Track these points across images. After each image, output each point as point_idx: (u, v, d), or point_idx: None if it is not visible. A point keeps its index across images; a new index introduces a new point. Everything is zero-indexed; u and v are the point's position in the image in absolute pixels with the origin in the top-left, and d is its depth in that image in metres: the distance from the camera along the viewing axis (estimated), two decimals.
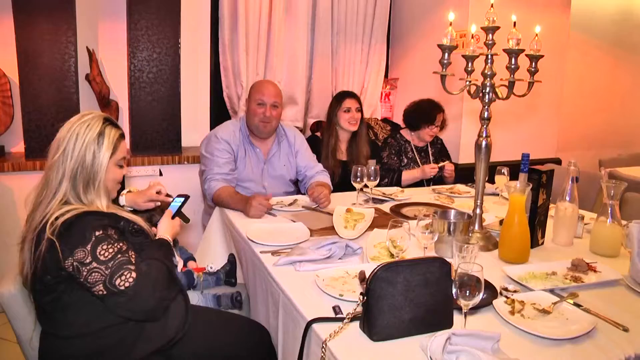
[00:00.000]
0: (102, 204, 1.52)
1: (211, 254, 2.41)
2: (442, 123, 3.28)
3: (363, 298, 1.24)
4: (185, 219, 1.89)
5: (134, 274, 1.39)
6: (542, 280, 1.61)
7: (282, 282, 1.59)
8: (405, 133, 3.36)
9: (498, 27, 1.79)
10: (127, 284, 1.37)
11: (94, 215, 1.46)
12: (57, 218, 1.40)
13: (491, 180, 2.82)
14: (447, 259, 1.37)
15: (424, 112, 3.20)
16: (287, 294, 1.52)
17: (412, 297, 1.25)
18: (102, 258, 1.38)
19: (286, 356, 1.54)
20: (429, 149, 3.36)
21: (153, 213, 1.93)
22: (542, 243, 1.99)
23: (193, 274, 1.94)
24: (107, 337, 1.46)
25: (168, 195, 1.97)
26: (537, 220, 1.92)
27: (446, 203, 2.60)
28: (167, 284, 1.49)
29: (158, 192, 1.89)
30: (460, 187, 2.97)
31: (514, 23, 1.78)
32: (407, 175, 3.21)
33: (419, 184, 3.22)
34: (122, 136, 1.60)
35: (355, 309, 1.26)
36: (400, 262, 1.26)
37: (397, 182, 3.15)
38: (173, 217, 1.78)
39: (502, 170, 2.61)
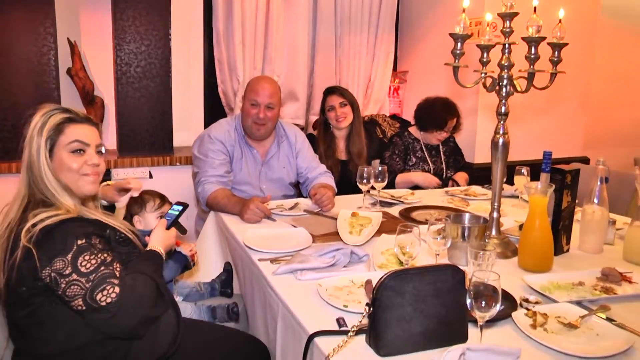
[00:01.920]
0: (68, 202, 1.47)
1: (205, 262, 2.41)
2: (454, 128, 3.29)
3: (369, 309, 1.23)
4: (182, 230, 1.87)
5: (117, 289, 1.35)
6: (568, 291, 1.60)
7: (281, 292, 1.58)
8: (414, 131, 3.37)
9: (517, 13, 1.78)
10: (109, 300, 1.33)
11: (77, 222, 1.44)
12: (34, 225, 1.37)
13: (510, 182, 2.81)
14: (461, 267, 1.37)
15: (434, 116, 3.21)
16: (286, 305, 1.52)
17: (423, 307, 1.24)
18: (83, 270, 1.35)
19: None
20: (441, 147, 3.37)
21: (132, 203, 1.93)
22: (568, 250, 1.98)
23: (182, 253, 1.93)
24: (90, 355, 1.45)
25: (163, 200, 1.99)
26: (561, 224, 1.91)
27: (460, 206, 2.59)
28: (153, 301, 1.45)
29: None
30: (475, 189, 2.96)
31: (535, 8, 1.77)
32: (402, 178, 3.21)
33: (420, 187, 3.21)
34: (71, 120, 1.52)
35: (360, 321, 1.25)
36: (409, 270, 1.26)
37: (391, 184, 3.15)
38: (169, 227, 1.74)
39: (522, 171, 2.60)
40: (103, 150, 1.60)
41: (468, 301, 1.21)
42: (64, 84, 3.20)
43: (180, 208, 1.82)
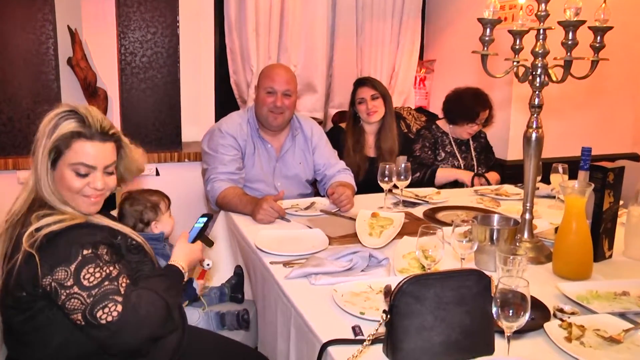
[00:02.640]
0: (70, 211, 1.48)
1: (215, 266, 2.42)
2: (485, 121, 3.28)
3: (386, 316, 1.24)
4: (209, 243, 1.86)
5: (119, 307, 1.34)
6: (609, 302, 1.57)
7: (294, 298, 1.60)
8: (443, 124, 3.36)
9: None
10: (109, 318, 1.33)
11: (85, 228, 1.45)
12: (38, 229, 1.39)
13: (546, 181, 2.79)
14: (489, 273, 1.36)
15: (465, 108, 3.20)
16: (299, 312, 1.53)
17: (444, 316, 1.24)
18: (85, 283, 1.35)
19: None
20: (471, 142, 3.35)
21: (143, 210, 1.96)
22: (610, 256, 1.96)
23: (193, 281, 1.96)
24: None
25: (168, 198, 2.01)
26: (602, 228, 1.89)
27: (490, 207, 2.58)
28: (159, 322, 1.43)
29: None
30: (508, 188, 2.94)
31: None
32: (444, 172, 3.20)
33: (458, 184, 3.20)
34: (81, 134, 1.47)
35: (376, 329, 1.26)
36: (430, 275, 1.26)
37: (430, 180, 3.15)
38: (193, 241, 1.73)
39: (559, 168, 2.58)
40: (112, 170, 1.56)
41: (494, 309, 1.21)
42: (64, 75, 3.24)
43: (205, 220, 1.81)
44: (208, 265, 1.95)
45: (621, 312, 1.50)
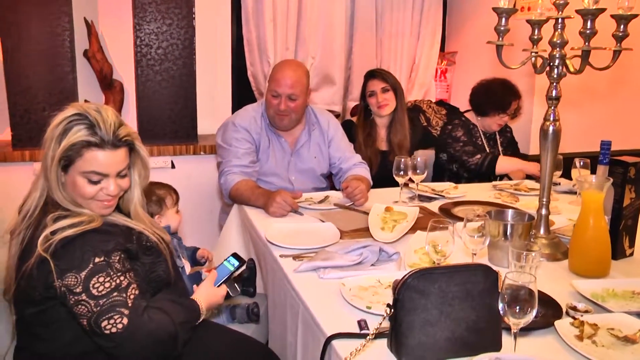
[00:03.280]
0: (86, 212, 1.49)
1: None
2: (514, 112, 3.25)
3: (390, 310, 1.24)
4: (234, 290, 1.78)
5: (125, 320, 1.36)
6: (626, 301, 1.55)
7: (302, 291, 1.61)
8: (471, 117, 3.34)
9: None
10: (114, 330, 1.35)
11: (100, 234, 1.45)
12: (54, 232, 1.40)
13: (568, 176, 2.75)
14: (503, 269, 1.35)
15: (496, 97, 3.17)
16: (306, 305, 1.54)
17: (449, 311, 1.23)
18: (94, 292, 1.36)
19: None
20: (498, 136, 3.33)
21: (147, 202, 1.89)
22: (632, 254, 1.93)
23: (201, 275, 1.98)
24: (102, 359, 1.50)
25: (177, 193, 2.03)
26: (622, 224, 1.86)
27: (509, 202, 2.55)
28: (162, 346, 1.43)
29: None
30: (527, 183, 2.91)
31: None
32: (507, 162, 3.16)
33: (479, 179, 3.17)
34: (91, 144, 1.45)
35: (380, 324, 1.26)
36: (435, 269, 1.26)
37: (491, 167, 3.12)
38: (219, 284, 1.68)
39: (580, 163, 2.54)
40: (125, 172, 1.55)
41: (500, 305, 1.20)
42: (80, 67, 3.28)
43: (237, 265, 1.74)
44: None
45: (639, 311, 1.47)
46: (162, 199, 2.02)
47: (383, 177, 2.97)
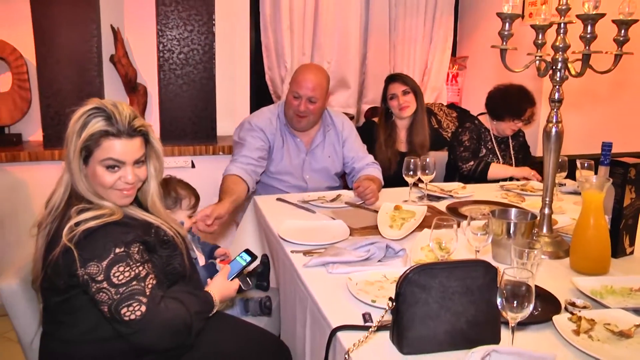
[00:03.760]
0: (108, 205, 1.52)
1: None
2: (529, 118, 3.23)
3: (392, 304, 1.24)
4: (246, 284, 1.84)
5: (143, 308, 1.40)
6: (623, 297, 1.53)
7: (310, 286, 1.62)
8: (485, 120, 3.32)
9: None
10: (132, 317, 1.39)
11: (120, 226, 1.48)
12: (77, 224, 1.43)
13: (573, 177, 2.72)
14: (505, 266, 1.35)
15: (512, 103, 3.16)
16: (314, 298, 1.55)
17: (449, 305, 1.23)
18: (114, 281, 1.40)
19: None
20: (510, 141, 3.31)
21: (166, 196, 1.92)
22: (632, 252, 1.90)
23: (215, 266, 2.00)
24: (112, 347, 1.52)
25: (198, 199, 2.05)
26: (622, 223, 1.84)
27: (515, 202, 2.53)
28: (177, 334, 1.47)
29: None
30: (534, 184, 2.89)
31: None
32: (498, 169, 3.17)
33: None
34: (108, 133, 1.49)
35: (382, 317, 1.26)
36: (436, 265, 1.26)
37: (483, 174, 3.13)
38: (232, 278, 1.73)
39: (578, 164, 2.51)
40: (142, 161, 1.58)
41: (499, 300, 1.20)
42: (106, 71, 3.34)
43: (248, 260, 1.78)
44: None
45: (635, 307, 1.46)
46: (180, 198, 2.03)
47: (401, 178, 2.96)
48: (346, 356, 1.23)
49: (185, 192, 2.07)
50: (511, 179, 3.17)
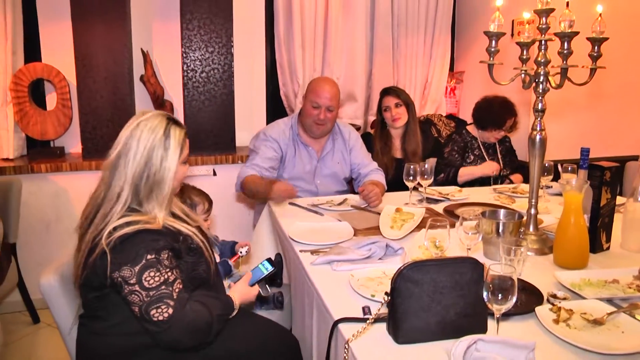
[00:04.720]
0: (159, 215, 1.53)
1: (258, 253, 2.49)
2: (511, 127, 3.25)
3: (387, 298, 1.25)
4: (265, 290, 1.85)
5: (170, 310, 1.42)
6: (599, 289, 1.54)
7: (316, 282, 1.64)
8: (472, 129, 3.33)
9: (552, 10, 1.73)
10: (161, 318, 1.41)
11: (151, 234, 1.48)
12: (115, 229, 1.45)
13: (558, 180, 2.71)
14: (495, 262, 1.35)
15: (494, 115, 3.17)
16: (319, 293, 1.56)
17: (440, 299, 1.24)
18: (146, 284, 1.42)
19: (320, 358, 1.58)
20: (497, 146, 3.31)
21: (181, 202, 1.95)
22: (608, 248, 1.90)
23: (229, 263, 2.02)
24: (138, 340, 1.54)
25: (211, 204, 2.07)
26: (599, 222, 1.84)
27: (506, 203, 2.53)
28: (199, 334, 1.49)
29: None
30: (524, 186, 2.88)
31: (567, 3, 1.72)
32: (465, 170, 3.18)
33: (480, 183, 3.15)
34: (186, 134, 1.62)
35: (379, 310, 1.28)
36: (427, 262, 1.27)
37: (454, 179, 3.13)
38: (252, 284, 1.75)
39: (560, 168, 2.51)
40: None
41: (485, 294, 1.21)
42: (137, 90, 3.40)
43: (270, 269, 1.78)
44: (241, 253, 2.00)
45: (609, 297, 1.47)
46: (195, 204, 2.05)
47: (398, 182, 2.97)
48: (346, 346, 1.25)
49: (199, 198, 2.10)
50: (502, 181, 3.17)
